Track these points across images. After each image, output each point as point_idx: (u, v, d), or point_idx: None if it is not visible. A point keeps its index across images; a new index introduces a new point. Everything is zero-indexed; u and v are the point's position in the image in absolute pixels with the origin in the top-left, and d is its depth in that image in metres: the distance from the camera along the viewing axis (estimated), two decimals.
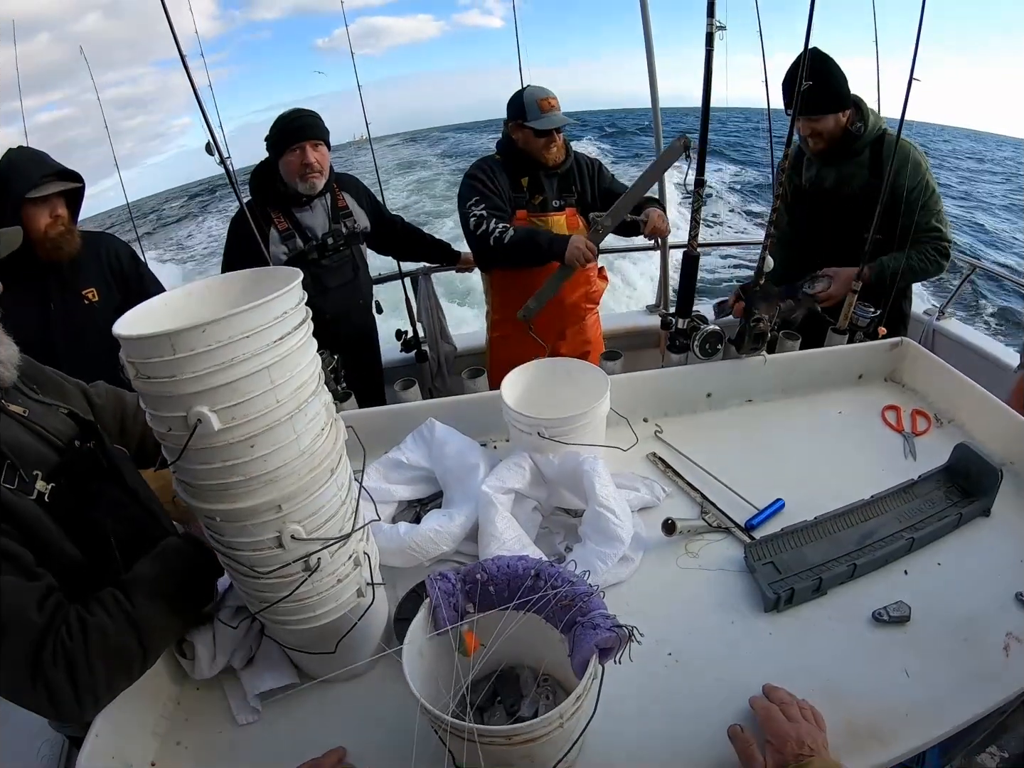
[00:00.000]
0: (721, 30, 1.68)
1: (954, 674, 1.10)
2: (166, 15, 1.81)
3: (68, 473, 1.19)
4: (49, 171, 2.06)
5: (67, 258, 2.15)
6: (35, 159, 2.07)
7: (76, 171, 2.15)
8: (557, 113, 2.51)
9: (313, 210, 2.55)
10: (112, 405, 1.51)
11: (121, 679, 1.06)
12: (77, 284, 2.22)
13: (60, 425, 1.26)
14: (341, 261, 2.63)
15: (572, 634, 0.91)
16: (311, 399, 0.95)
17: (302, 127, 2.41)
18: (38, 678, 0.96)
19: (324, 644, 1.11)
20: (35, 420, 1.21)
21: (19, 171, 2.02)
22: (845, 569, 1.27)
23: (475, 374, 1.98)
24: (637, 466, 1.67)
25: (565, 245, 2.34)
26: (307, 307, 0.96)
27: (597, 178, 2.73)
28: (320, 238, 2.55)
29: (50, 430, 1.22)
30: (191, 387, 0.82)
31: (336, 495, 1.03)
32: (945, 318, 3.20)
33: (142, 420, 1.51)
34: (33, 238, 2.06)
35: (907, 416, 1.80)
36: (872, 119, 2.40)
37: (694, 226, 1.85)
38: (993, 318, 8.97)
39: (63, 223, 2.12)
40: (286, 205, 2.51)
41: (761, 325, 1.79)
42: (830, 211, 2.49)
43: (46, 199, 2.06)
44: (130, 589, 1.10)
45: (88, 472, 1.25)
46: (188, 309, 0.99)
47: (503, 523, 1.35)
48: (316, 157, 2.42)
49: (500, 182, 2.61)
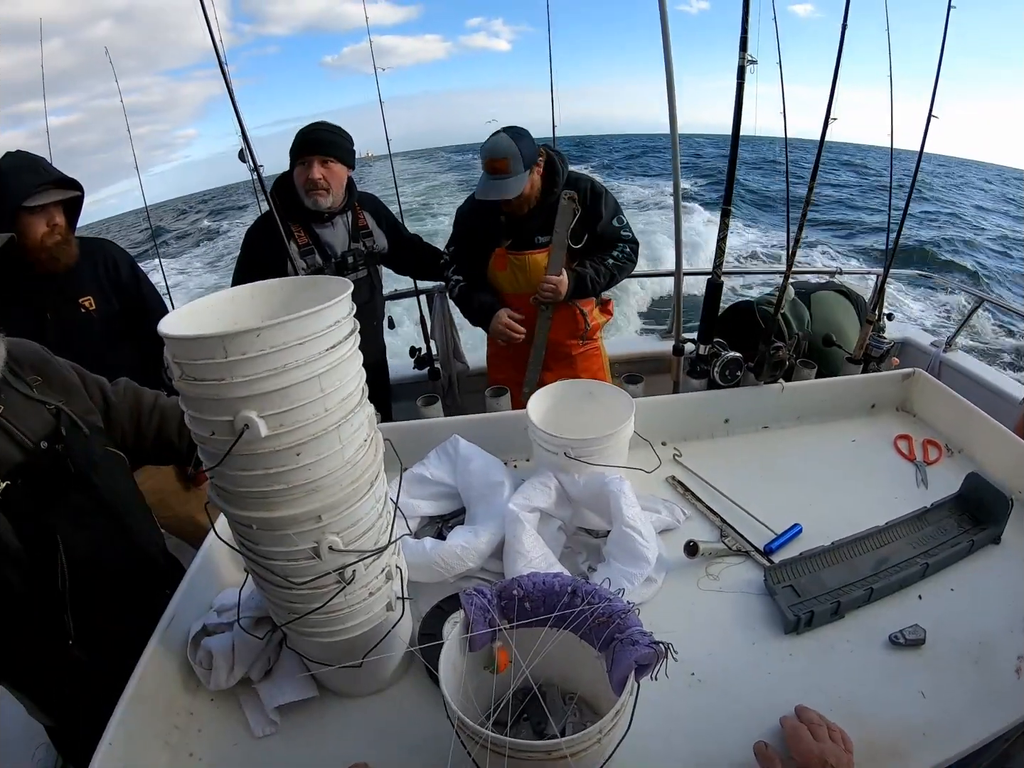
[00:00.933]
0: (752, 64, 1.71)
1: (968, 695, 1.13)
2: (206, 20, 1.82)
3: (28, 474, 1.19)
4: (47, 179, 2.01)
5: (64, 268, 2.10)
6: (32, 167, 2.00)
7: (75, 179, 2.10)
8: (502, 178, 2.30)
9: (334, 227, 2.55)
10: (129, 404, 1.51)
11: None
12: (73, 292, 2.17)
13: (36, 424, 1.25)
14: (359, 281, 2.59)
15: (611, 651, 0.93)
16: (356, 409, 0.96)
17: (313, 141, 2.39)
18: None
19: (350, 657, 1.10)
20: (8, 417, 1.21)
21: (15, 179, 1.95)
22: (862, 593, 1.30)
23: (498, 393, 2.01)
24: (657, 489, 1.70)
25: (489, 320, 2.42)
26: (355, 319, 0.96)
27: (592, 212, 2.50)
28: (339, 256, 2.53)
29: (22, 428, 1.22)
30: (241, 391, 0.82)
31: (374, 507, 1.03)
32: (952, 350, 3.24)
33: (156, 420, 1.53)
34: (29, 247, 2.01)
35: (919, 445, 1.83)
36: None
37: (719, 254, 1.88)
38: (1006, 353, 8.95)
39: (60, 232, 2.07)
40: (307, 220, 2.49)
41: (780, 353, 1.83)
42: None
43: (43, 208, 2.00)
44: None
45: (50, 476, 1.25)
46: (231, 313, 0.99)
47: (530, 541, 1.37)
48: (322, 173, 2.39)
49: (478, 219, 2.56)
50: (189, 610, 1.27)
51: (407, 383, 3.35)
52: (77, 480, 1.29)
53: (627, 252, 2.59)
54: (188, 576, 1.33)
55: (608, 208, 2.54)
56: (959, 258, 14.32)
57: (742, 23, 1.68)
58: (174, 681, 1.19)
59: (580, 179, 2.56)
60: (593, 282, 2.50)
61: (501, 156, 2.28)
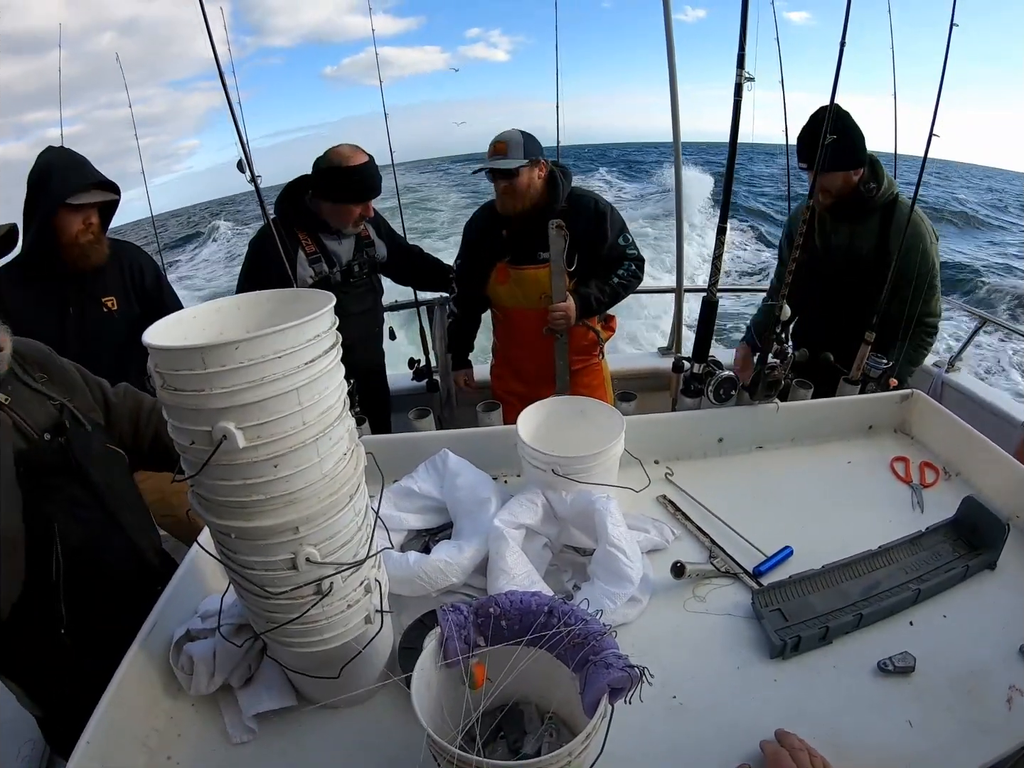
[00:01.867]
0: (750, 81, 1.70)
1: (957, 725, 1.10)
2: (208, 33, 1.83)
3: (29, 463, 1.23)
4: (91, 180, 2.09)
5: (92, 267, 2.19)
6: (76, 166, 2.09)
7: (114, 183, 2.18)
8: (497, 158, 2.43)
9: (343, 239, 2.59)
10: (129, 406, 1.55)
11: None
12: (98, 291, 2.24)
13: (41, 417, 1.30)
14: (363, 288, 2.66)
15: (584, 672, 0.92)
16: (336, 423, 0.96)
17: (372, 188, 2.45)
18: None
19: (328, 668, 1.11)
20: (14, 408, 1.25)
21: (59, 175, 2.04)
22: (851, 619, 1.27)
23: (490, 407, 2.01)
24: (647, 508, 1.69)
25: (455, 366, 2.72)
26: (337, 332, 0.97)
27: (594, 234, 2.56)
28: (345, 264, 2.58)
29: (27, 420, 1.26)
30: (219, 403, 0.83)
31: (353, 520, 1.03)
32: (954, 370, 3.21)
33: (155, 422, 1.57)
34: (63, 243, 2.09)
35: (915, 468, 1.81)
36: (886, 183, 2.42)
37: (714, 272, 1.87)
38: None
39: (93, 232, 2.15)
40: (315, 229, 2.52)
41: (775, 373, 1.82)
42: (834, 270, 2.52)
43: (82, 206, 2.08)
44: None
45: (51, 466, 1.28)
46: (217, 324, 1.01)
47: (513, 558, 1.36)
48: (366, 211, 2.49)
49: (480, 233, 2.68)
50: (173, 614, 1.28)
51: (406, 394, 3.34)
52: (77, 473, 1.33)
53: (632, 270, 2.65)
54: (174, 580, 1.34)
55: (614, 227, 2.59)
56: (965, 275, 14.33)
57: (740, 40, 1.67)
58: (155, 684, 1.20)
59: (584, 196, 2.61)
60: (598, 301, 2.58)
61: (502, 140, 2.45)
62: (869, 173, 2.41)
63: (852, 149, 2.32)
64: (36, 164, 2.07)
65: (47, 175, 2.05)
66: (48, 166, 2.05)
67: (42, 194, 2.04)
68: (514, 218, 2.52)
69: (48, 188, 2.03)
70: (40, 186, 2.05)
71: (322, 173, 2.41)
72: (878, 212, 2.43)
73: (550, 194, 2.51)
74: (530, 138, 2.46)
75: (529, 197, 2.49)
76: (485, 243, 2.65)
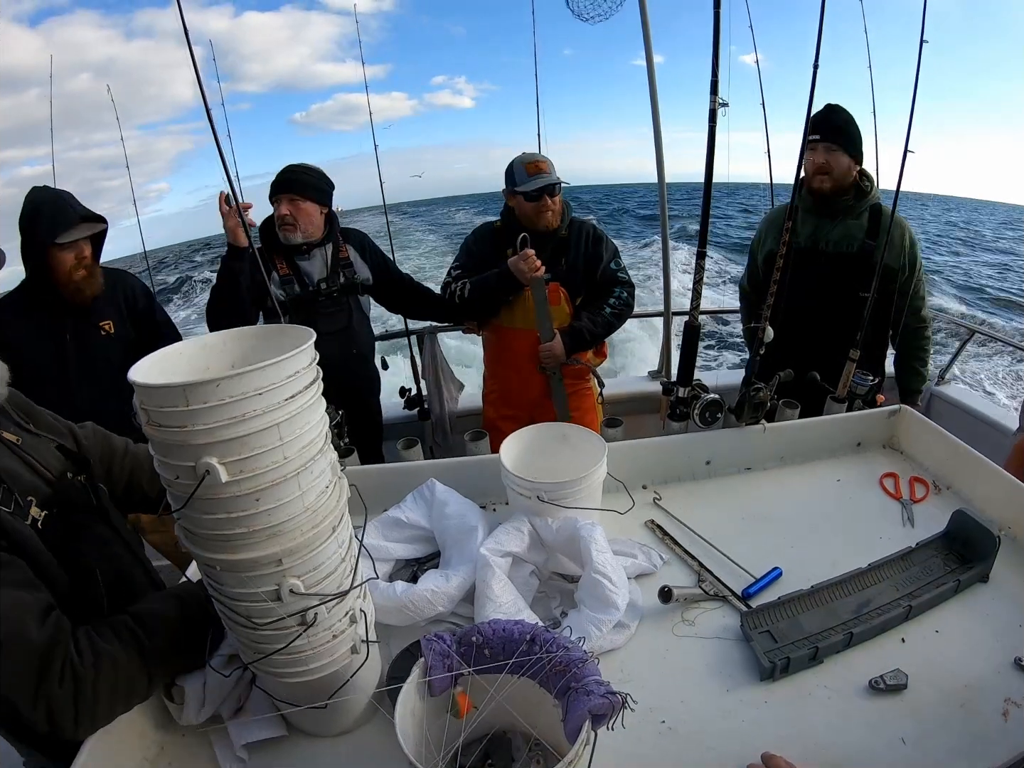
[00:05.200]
0: (724, 107, 1.73)
1: (952, 740, 1.09)
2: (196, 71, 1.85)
3: (61, 504, 1.20)
4: (74, 217, 2.15)
5: (88, 300, 2.25)
6: (59, 204, 2.15)
7: (99, 214, 2.24)
8: (545, 175, 2.52)
9: (311, 259, 2.64)
10: (99, 448, 1.51)
11: (120, 708, 1.08)
12: (94, 317, 2.31)
13: (51, 458, 1.27)
14: (336, 308, 2.69)
15: (566, 699, 0.92)
16: (318, 457, 0.97)
17: (283, 181, 2.54)
18: (41, 693, 0.96)
19: (316, 698, 1.11)
20: (27, 450, 1.23)
21: (47, 216, 2.10)
22: (841, 638, 1.26)
23: (477, 436, 2.01)
24: (635, 533, 1.68)
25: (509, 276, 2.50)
26: (318, 367, 0.98)
27: (592, 256, 2.66)
28: (315, 284, 2.63)
29: (41, 461, 1.24)
30: (201, 438, 0.84)
31: (336, 552, 1.04)
32: (944, 383, 3.22)
33: (128, 466, 1.53)
34: (58, 281, 2.16)
35: (905, 483, 1.81)
36: (873, 189, 2.50)
37: (695, 297, 1.88)
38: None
39: (86, 266, 2.22)
40: (288, 253, 2.61)
41: (761, 394, 1.82)
42: (827, 269, 2.54)
43: (72, 243, 2.14)
44: (147, 622, 1.12)
45: (79, 505, 1.26)
46: (202, 360, 1.03)
47: (499, 586, 1.35)
48: (289, 210, 2.52)
49: (483, 247, 2.72)
50: None
51: (399, 423, 3.35)
52: (99, 510, 1.32)
53: (623, 298, 2.67)
54: None
55: (608, 251, 2.69)
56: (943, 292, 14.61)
57: (712, 66, 1.70)
58: (145, 714, 1.19)
59: (583, 223, 2.73)
60: (591, 334, 2.62)
61: (542, 159, 2.56)
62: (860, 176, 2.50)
63: (859, 143, 2.42)
64: (24, 206, 2.13)
65: (36, 216, 2.11)
66: (35, 208, 2.11)
67: (32, 237, 2.10)
68: (514, 236, 2.55)
69: (36, 230, 2.09)
70: (30, 229, 2.11)
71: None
72: (867, 211, 2.49)
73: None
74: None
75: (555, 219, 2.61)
76: (488, 257, 2.66)
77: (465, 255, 2.79)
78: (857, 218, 2.50)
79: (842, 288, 2.47)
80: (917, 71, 2.19)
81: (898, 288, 2.46)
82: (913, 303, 2.52)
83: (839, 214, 2.52)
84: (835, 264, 2.52)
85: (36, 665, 0.97)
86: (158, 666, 1.12)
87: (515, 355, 2.72)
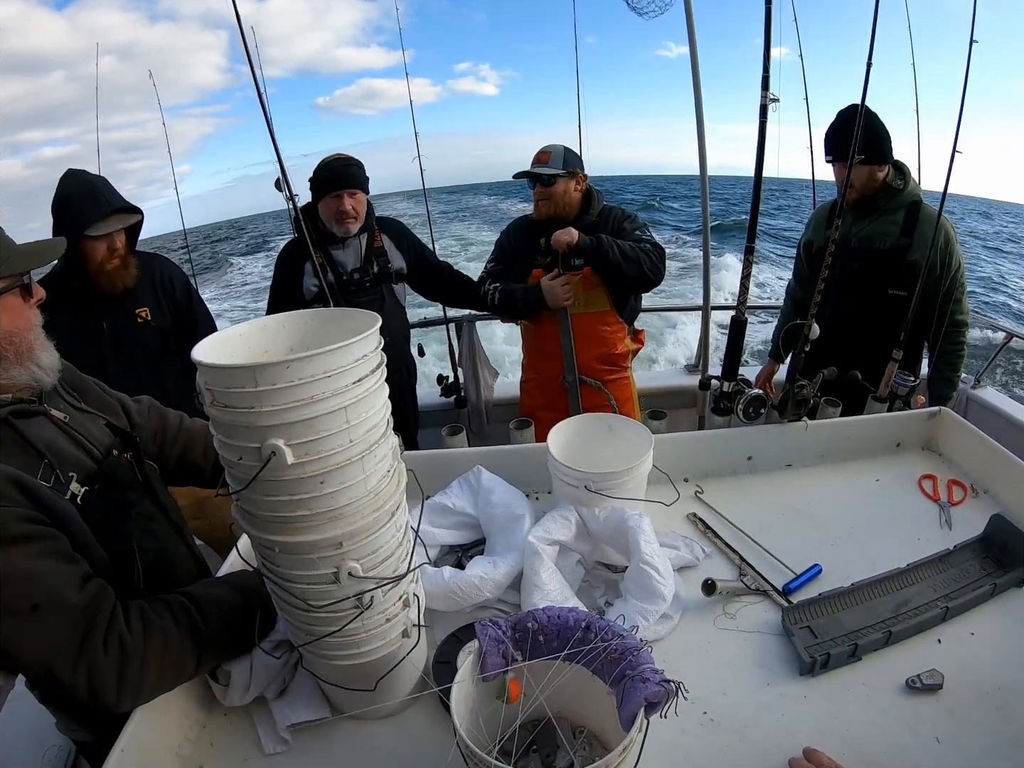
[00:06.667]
0: (775, 102, 1.74)
1: (986, 741, 1.11)
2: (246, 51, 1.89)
3: (104, 480, 1.21)
4: (107, 208, 2.12)
5: (122, 290, 2.25)
6: (93, 194, 2.11)
7: (134, 205, 2.22)
8: (539, 165, 2.57)
9: (346, 248, 2.69)
10: (153, 424, 1.52)
11: (165, 686, 1.09)
12: (130, 304, 2.31)
13: (99, 434, 1.28)
14: (368, 297, 2.74)
15: (621, 687, 0.94)
16: (381, 441, 0.98)
17: (342, 176, 2.56)
18: (83, 659, 0.97)
19: (364, 681, 1.12)
20: (74, 426, 1.24)
21: (76, 207, 2.08)
22: (880, 636, 1.28)
23: (522, 425, 2.03)
24: (678, 525, 1.71)
25: (539, 295, 2.54)
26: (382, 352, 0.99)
27: (617, 230, 2.63)
28: (348, 273, 2.68)
29: (89, 437, 1.25)
30: (269, 420, 0.85)
31: (394, 536, 1.06)
32: (980, 387, 3.20)
33: (182, 442, 1.54)
34: (90, 270, 2.15)
35: (943, 485, 1.81)
36: (911, 184, 2.48)
37: (743, 291, 1.90)
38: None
39: (119, 256, 2.21)
40: (323, 243, 2.65)
41: (804, 391, 1.83)
42: (856, 265, 2.54)
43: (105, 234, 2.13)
44: (203, 606, 1.13)
45: (124, 482, 1.28)
46: (262, 342, 1.04)
47: (547, 574, 1.38)
48: (352, 204, 2.58)
49: (517, 240, 2.77)
50: None
51: (435, 410, 3.38)
52: (146, 487, 1.34)
53: (647, 248, 2.58)
54: None
55: (634, 224, 2.68)
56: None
57: (763, 62, 1.71)
58: (189, 694, 1.22)
59: (613, 208, 2.74)
60: (610, 247, 2.49)
61: (546, 150, 2.60)
62: (894, 172, 2.48)
63: (879, 145, 2.38)
64: (56, 192, 2.11)
65: (66, 205, 2.09)
66: (66, 195, 2.09)
67: (63, 225, 2.08)
68: (550, 227, 2.56)
69: (67, 220, 2.07)
70: (61, 217, 2.09)
71: (312, 178, 2.62)
72: (903, 208, 2.47)
73: (586, 202, 2.65)
74: (571, 152, 2.62)
75: (564, 206, 2.61)
76: (521, 250, 2.73)
77: (499, 251, 2.84)
78: (892, 215, 2.49)
79: (871, 285, 2.48)
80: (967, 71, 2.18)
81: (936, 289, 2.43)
82: (945, 306, 2.48)
83: (873, 212, 2.52)
84: (864, 260, 2.52)
85: (77, 628, 0.98)
86: (209, 651, 1.14)
87: (549, 343, 2.74)
